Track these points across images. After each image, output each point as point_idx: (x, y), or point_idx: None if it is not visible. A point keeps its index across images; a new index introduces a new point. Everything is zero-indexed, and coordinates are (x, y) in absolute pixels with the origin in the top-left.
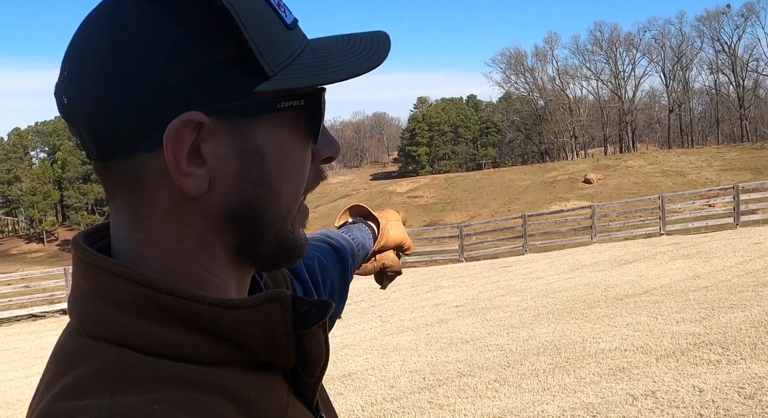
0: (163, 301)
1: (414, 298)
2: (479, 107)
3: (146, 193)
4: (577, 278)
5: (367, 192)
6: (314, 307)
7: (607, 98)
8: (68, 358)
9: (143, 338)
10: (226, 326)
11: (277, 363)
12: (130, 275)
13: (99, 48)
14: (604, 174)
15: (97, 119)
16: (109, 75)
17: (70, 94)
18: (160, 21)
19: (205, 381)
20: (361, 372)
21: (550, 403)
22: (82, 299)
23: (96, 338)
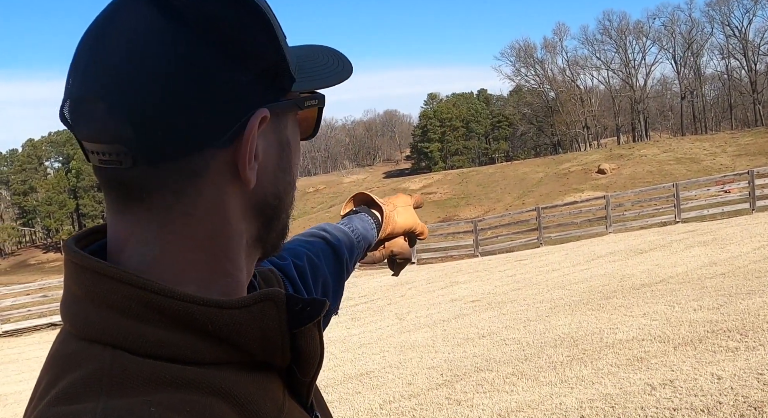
0: (157, 302)
1: (430, 294)
2: (490, 101)
3: (195, 190)
4: (593, 269)
5: (381, 190)
6: (308, 305)
7: (618, 87)
8: (63, 363)
9: (138, 340)
10: (221, 326)
11: (272, 362)
12: (123, 277)
13: (168, 47)
14: (617, 164)
15: (162, 120)
16: (184, 73)
17: (123, 96)
18: (225, 18)
19: (201, 382)
20: (378, 370)
21: (568, 395)
22: (75, 303)
23: (90, 341)
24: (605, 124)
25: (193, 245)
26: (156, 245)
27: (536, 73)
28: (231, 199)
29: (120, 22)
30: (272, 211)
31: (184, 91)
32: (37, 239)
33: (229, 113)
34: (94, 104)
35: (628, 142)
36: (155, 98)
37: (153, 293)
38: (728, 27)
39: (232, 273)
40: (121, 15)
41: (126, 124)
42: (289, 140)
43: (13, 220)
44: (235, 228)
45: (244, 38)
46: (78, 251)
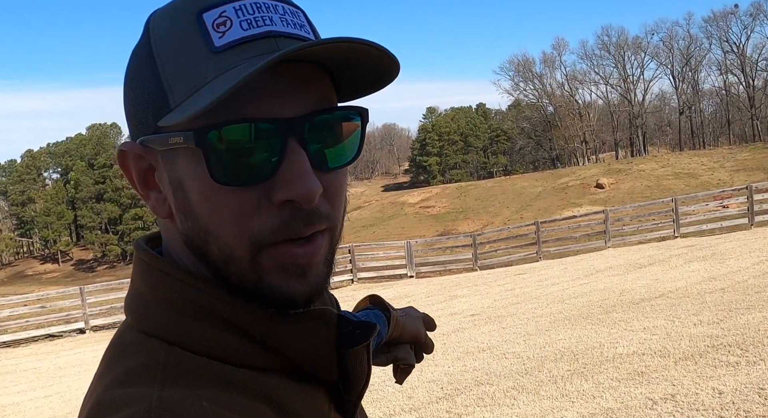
0: (215, 306)
1: (429, 308)
2: (488, 115)
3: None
4: (593, 284)
5: (379, 203)
6: (358, 328)
7: (617, 102)
8: (122, 351)
9: (194, 338)
10: (272, 337)
11: (319, 376)
12: (186, 280)
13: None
14: (616, 178)
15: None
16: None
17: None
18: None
19: (250, 385)
20: (378, 384)
21: (569, 409)
22: (139, 298)
23: (149, 334)
24: (604, 139)
25: (175, 258)
26: (167, 245)
27: (535, 87)
28: (171, 223)
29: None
30: (201, 253)
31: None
32: (34, 250)
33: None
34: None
35: (626, 157)
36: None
37: (212, 297)
38: (726, 43)
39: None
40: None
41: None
42: (180, 181)
43: (11, 230)
44: (184, 253)
45: (136, 69)
46: (147, 249)
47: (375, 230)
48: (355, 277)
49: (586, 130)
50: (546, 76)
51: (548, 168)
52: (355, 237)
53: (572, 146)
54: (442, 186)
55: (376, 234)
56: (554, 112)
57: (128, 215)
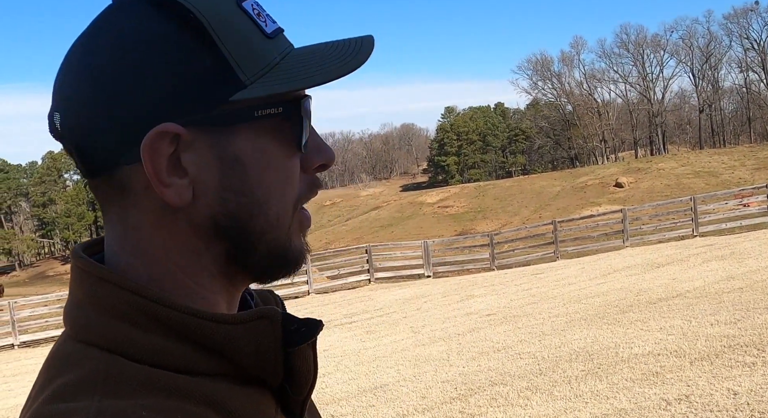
0: (155, 311)
1: (445, 308)
2: (507, 115)
3: (133, 206)
4: (610, 283)
5: (398, 203)
6: (303, 325)
7: (636, 101)
8: (60, 363)
9: (135, 345)
10: (216, 340)
11: (265, 379)
12: (125, 284)
13: (82, 66)
14: (635, 177)
15: (82, 136)
16: (92, 92)
17: (61, 113)
18: (136, 38)
19: (194, 391)
20: (393, 384)
21: (582, 410)
22: (77, 306)
23: (88, 344)
24: (623, 138)
25: (150, 260)
26: (122, 256)
27: (553, 86)
28: (171, 216)
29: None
30: (235, 232)
31: (90, 112)
32: (55, 251)
33: (130, 131)
34: (53, 117)
35: (645, 155)
36: (71, 119)
37: (151, 301)
38: (747, 40)
39: (196, 290)
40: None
41: (69, 138)
42: (238, 157)
43: (33, 231)
44: (189, 246)
45: (158, 53)
46: (84, 257)
47: (393, 230)
48: (372, 277)
49: (605, 128)
50: (564, 75)
51: (567, 167)
52: (374, 237)
53: (591, 145)
54: (460, 186)
55: (395, 234)
56: (573, 111)
57: None
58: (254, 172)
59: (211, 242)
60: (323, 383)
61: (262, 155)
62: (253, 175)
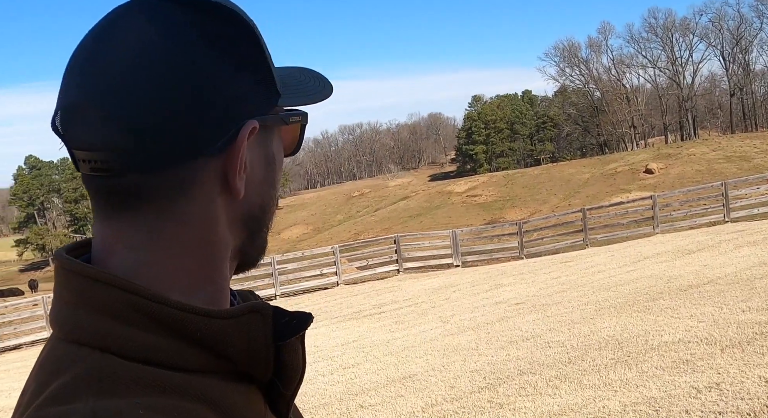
0: (147, 307)
1: (474, 297)
2: (534, 102)
3: (185, 198)
4: (639, 271)
5: (426, 193)
6: (294, 318)
7: (666, 86)
8: (53, 366)
9: (127, 343)
10: (209, 335)
11: (255, 375)
12: (114, 281)
13: (167, 57)
14: (665, 163)
15: (157, 128)
16: (181, 83)
17: (120, 104)
18: (219, 38)
19: (188, 388)
20: (421, 373)
21: (611, 398)
22: (66, 308)
23: (80, 344)
24: (652, 124)
25: (182, 252)
26: (145, 251)
27: (581, 72)
28: (220, 209)
29: (118, 32)
30: (256, 224)
31: (180, 101)
32: None
33: (221, 122)
34: (88, 112)
35: (676, 141)
36: (152, 107)
37: (144, 298)
38: None
39: (218, 281)
40: (119, 26)
41: (121, 132)
42: (274, 154)
43: (65, 227)
44: (222, 238)
45: (240, 52)
46: (69, 258)
47: (422, 220)
48: (401, 267)
49: (634, 114)
50: (592, 61)
51: (596, 154)
52: (402, 227)
53: (620, 131)
54: (488, 175)
55: (423, 224)
56: (601, 98)
57: None
58: (278, 167)
59: (237, 234)
60: (353, 373)
61: (280, 154)
62: (277, 171)
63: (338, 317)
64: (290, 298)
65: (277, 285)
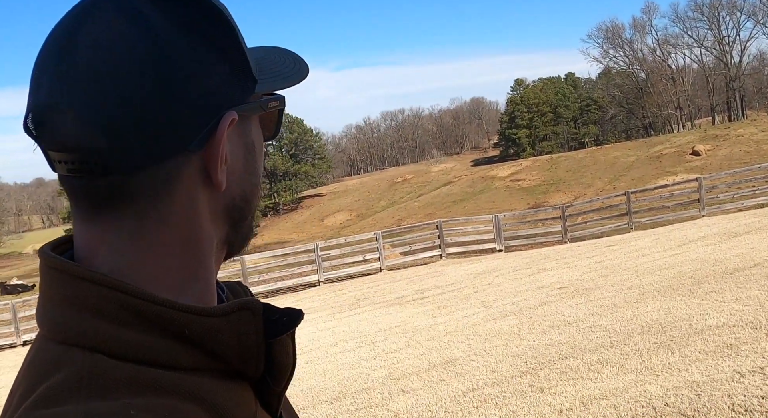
0: (137, 306)
1: (517, 282)
2: (578, 85)
3: (168, 196)
4: (684, 254)
5: (469, 179)
6: (285, 315)
7: (712, 65)
8: (41, 367)
9: (117, 343)
10: (199, 333)
11: (245, 372)
12: (102, 280)
13: (139, 54)
14: (712, 144)
15: (134, 127)
16: (155, 80)
17: (93, 107)
18: (193, 31)
19: (180, 387)
20: (463, 358)
21: (653, 383)
22: (53, 307)
23: (68, 345)
24: (699, 105)
25: (167, 251)
26: (129, 252)
27: (625, 54)
28: (202, 204)
29: (87, 27)
30: (239, 213)
31: (154, 97)
32: None
33: (199, 117)
34: (60, 112)
35: (723, 122)
36: (124, 105)
37: (132, 296)
38: None
39: (204, 277)
40: (88, 22)
41: (94, 131)
42: (253, 142)
43: None
44: (206, 232)
45: (213, 43)
46: (56, 256)
47: (465, 205)
48: (443, 252)
49: (680, 95)
50: (636, 41)
51: (641, 136)
52: (446, 212)
53: (666, 113)
54: (532, 159)
55: (467, 209)
56: (646, 79)
57: None
58: (258, 155)
59: (220, 226)
60: (395, 358)
61: (260, 140)
62: (257, 159)
63: (381, 303)
64: (333, 284)
65: (321, 271)
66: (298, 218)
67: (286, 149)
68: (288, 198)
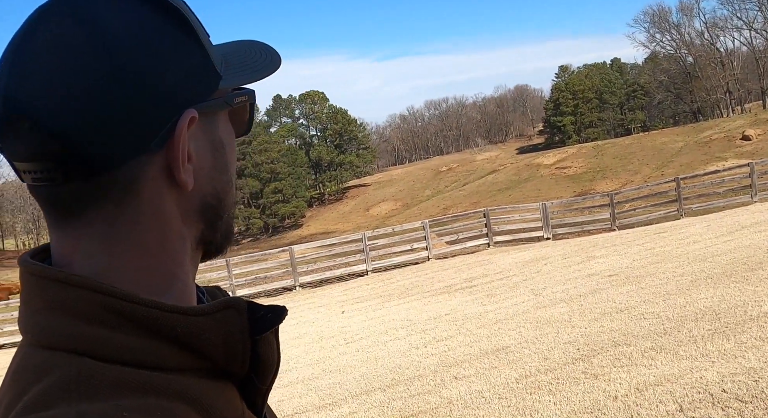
0: (121, 307)
1: (566, 269)
2: (624, 70)
3: (134, 198)
4: (737, 240)
5: (514, 167)
6: (269, 312)
7: (763, 48)
8: (28, 374)
9: (103, 345)
10: (185, 333)
11: (232, 371)
12: (86, 284)
13: (87, 59)
14: (764, 129)
15: (90, 132)
16: (106, 84)
17: (46, 115)
18: (144, 32)
19: (168, 388)
20: (514, 345)
21: (708, 369)
22: (35, 313)
23: (54, 349)
24: (749, 88)
25: (139, 254)
26: (102, 257)
27: (672, 38)
28: (171, 204)
29: (36, 37)
30: (213, 211)
31: (107, 101)
32: None
33: (156, 118)
34: (18, 122)
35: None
36: (79, 111)
37: (117, 298)
38: None
39: (181, 277)
40: (37, 30)
41: (52, 140)
42: (221, 139)
43: None
44: (178, 232)
45: (165, 41)
46: (37, 263)
47: (511, 194)
48: (491, 241)
49: (729, 79)
50: (683, 25)
51: (689, 122)
52: (491, 201)
53: (715, 98)
54: (578, 146)
55: (513, 197)
56: (694, 63)
57: (268, 188)
58: (228, 151)
59: (193, 225)
60: (446, 346)
61: (230, 137)
62: (228, 155)
63: (430, 291)
64: (381, 273)
65: (368, 261)
66: (343, 209)
67: (331, 140)
68: (333, 188)
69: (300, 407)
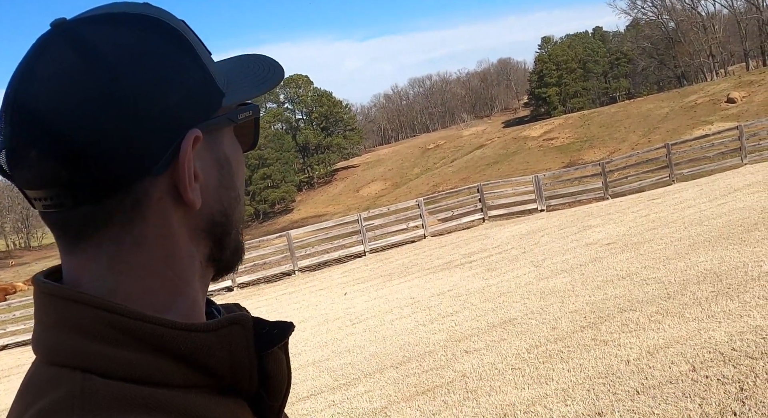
0: (126, 325)
1: (563, 240)
2: (606, 39)
3: (141, 219)
4: (731, 203)
5: (501, 140)
6: (275, 328)
7: (744, 10)
8: (34, 389)
9: (108, 362)
10: (190, 350)
11: (240, 388)
12: (92, 301)
13: (89, 85)
14: (748, 91)
15: (95, 157)
16: (109, 109)
17: (51, 139)
18: (146, 53)
19: (172, 405)
20: (521, 317)
21: (716, 329)
22: (45, 331)
23: (60, 366)
24: (732, 51)
25: (146, 273)
26: (109, 278)
27: (653, 4)
28: (178, 223)
29: (40, 66)
30: (221, 229)
31: (111, 127)
32: None
33: (160, 140)
34: (25, 152)
35: (758, 67)
36: (83, 137)
37: (122, 315)
38: None
39: (189, 295)
40: (40, 59)
41: (59, 166)
42: (227, 156)
43: None
44: (186, 251)
45: (164, 63)
46: (47, 281)
47: (499, 168)
48: (485, 215)
49: (711, 43)
50: None
51: (674, 87)
52: (480, 176)
53: (698, 62)
54: (563, 116)
55: (501, 171)
56: (676, 28)
57: (257, 175)
58: (235, 168)
59: (201, 243)
60: (452, 321)
61: (236, 152)
62: (235, 171)
63: (430, 268)
64: (379, 253)
65: (366, 241)
66: (333, 191)
67: (317, 123)
68: (321, 171)
69: (314, 388)
